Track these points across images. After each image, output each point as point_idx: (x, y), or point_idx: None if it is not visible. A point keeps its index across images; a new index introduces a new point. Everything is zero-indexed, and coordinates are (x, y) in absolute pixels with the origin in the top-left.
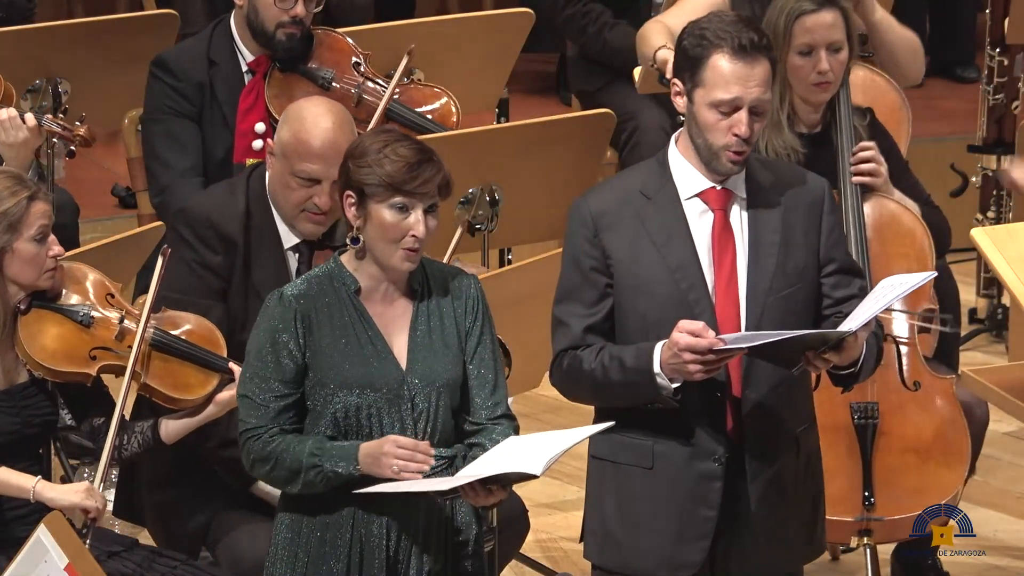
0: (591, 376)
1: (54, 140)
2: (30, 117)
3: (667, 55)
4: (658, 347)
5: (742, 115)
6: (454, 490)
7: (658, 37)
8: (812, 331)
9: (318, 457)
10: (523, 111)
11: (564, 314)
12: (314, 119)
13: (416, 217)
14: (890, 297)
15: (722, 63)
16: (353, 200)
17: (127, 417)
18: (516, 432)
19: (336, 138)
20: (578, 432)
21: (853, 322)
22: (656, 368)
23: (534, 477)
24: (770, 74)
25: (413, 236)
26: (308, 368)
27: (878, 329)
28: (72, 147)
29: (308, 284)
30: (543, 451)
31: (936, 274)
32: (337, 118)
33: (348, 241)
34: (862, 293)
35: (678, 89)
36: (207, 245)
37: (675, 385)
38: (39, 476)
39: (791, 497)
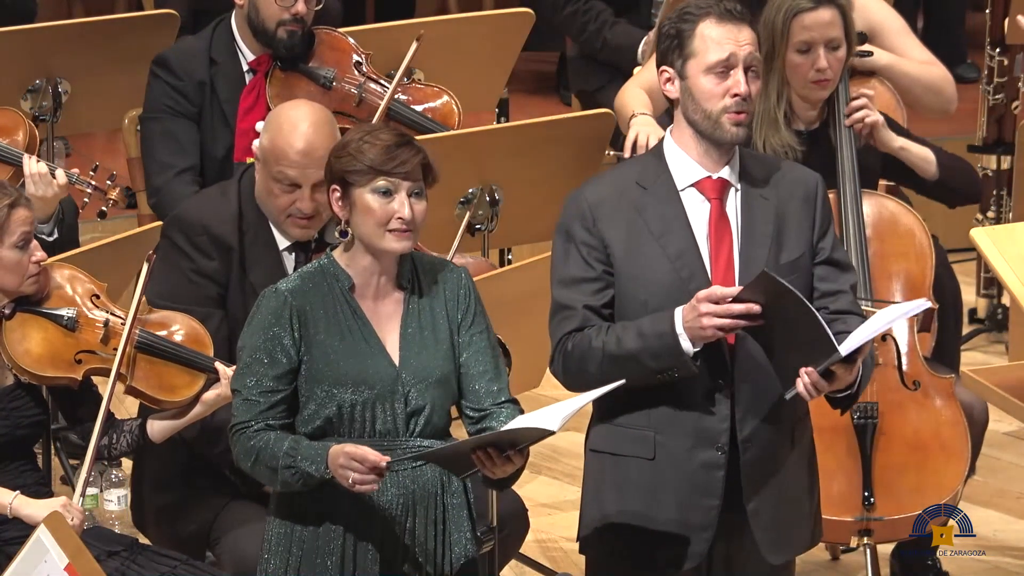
0: (602, 351)
1: (54, 144)
2: (61, 174)
3: (638, 128)
4: (678, 310)
5: (738, 74)
6: (472, 465)
7: (636, 102)
8: (820, 320)
9: (292, 458)
10: (523, 111)
11: (567, 299)
12: (291, 124)
13: (400, 200)
14: (883, 323)
15: (709, 29)
16: (338, 193)
17: (115, 415)
18: (522, 414)
19: (313, 142)
20: (589, 394)
21: (846, 345)
22: (679, 329)
23: (551, 434)
24: (756, 39)
25: (400, 219)
26: (302, 363)
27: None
28: (104, 208)
29: (302, 280)
30: (556, 413)
31: (930, 304)
32: (315, 120)
33: (337, 234)
34: (852, 290)
35: (668, 75)
36: (201, 251)
37: (696, 350)
38: (16, 492)
39: (788, 488)
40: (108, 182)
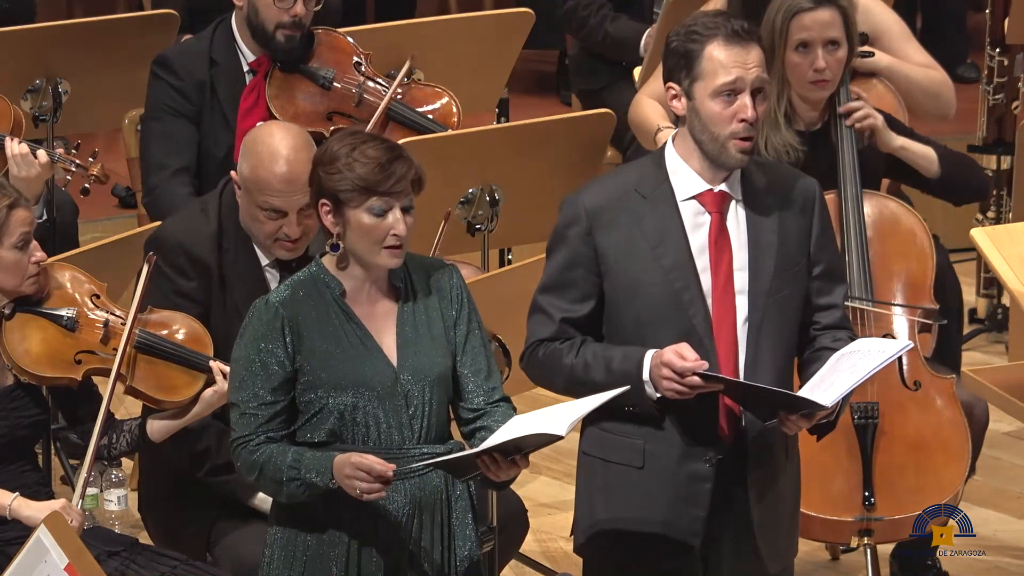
0: (570, 371)
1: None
2: (42, 154)
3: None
4: (648, 355)
5: (745, 99)
6: (476, 469)
7: (655, 115)
8: (790, 393)
9: (296, 470)
10: (523, 111)
11: (547, 304)
12: (270, 154)
13: (395, 216)
14: (866, 370)
15: (717, 51)
16: (329, 208)
17: (115, 415)
18: (516, 413)
19: (293, 169)
20: (595, 398)
21: (829, 394)
22: (645, 376)
23: (559, 439)
24: (764, 59)
25: (394, 235)
26: (299, 372)
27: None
28: (87, 184)
29: (292, 289)
30: (560, 417)
31: (912, 345)
32: (293, 144)
33: (328, 248)
34: (842, 303)
35: (675, 92)
36: (180, 272)
37: (659, 395)
38: (16, 493)
39: (780, 498)
40: (90, 159)
